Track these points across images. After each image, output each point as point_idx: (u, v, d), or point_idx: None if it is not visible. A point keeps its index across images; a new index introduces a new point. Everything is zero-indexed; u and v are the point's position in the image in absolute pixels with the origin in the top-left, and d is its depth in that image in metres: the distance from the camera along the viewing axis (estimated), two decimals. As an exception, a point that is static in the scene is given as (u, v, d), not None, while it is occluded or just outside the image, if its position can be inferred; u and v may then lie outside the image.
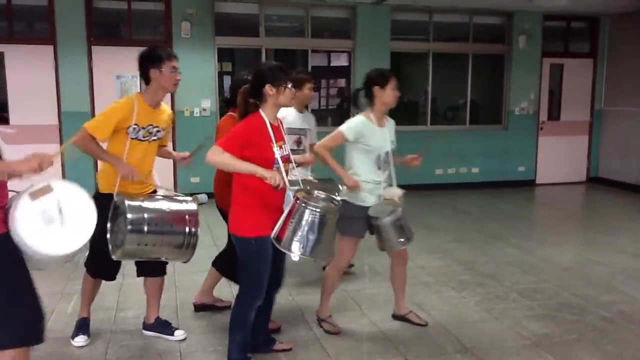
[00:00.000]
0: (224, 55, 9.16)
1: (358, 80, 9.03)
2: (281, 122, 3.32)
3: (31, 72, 7.74)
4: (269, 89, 3.08)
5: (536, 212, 8.93)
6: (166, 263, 3.76)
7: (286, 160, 3.18)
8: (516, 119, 10.06)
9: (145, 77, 3.49)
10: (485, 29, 10.12)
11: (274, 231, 3.06)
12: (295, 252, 3.01)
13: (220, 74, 9.04)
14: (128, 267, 3.73)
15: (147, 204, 3.30)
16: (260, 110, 3.13)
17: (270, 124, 3.12)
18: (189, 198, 3.52)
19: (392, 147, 3.87)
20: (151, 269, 3.72)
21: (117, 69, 8.09)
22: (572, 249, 6.14)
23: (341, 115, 9.58)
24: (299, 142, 4.68)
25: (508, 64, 9.97)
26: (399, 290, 4.13)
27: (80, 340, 3.66)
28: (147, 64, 3.47)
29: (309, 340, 3.79)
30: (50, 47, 7.83)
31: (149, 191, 3.61)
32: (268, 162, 3.05)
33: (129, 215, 3.13)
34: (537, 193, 9.88)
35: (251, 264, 3.14)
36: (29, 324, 2.47)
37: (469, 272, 5.28)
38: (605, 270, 5.35)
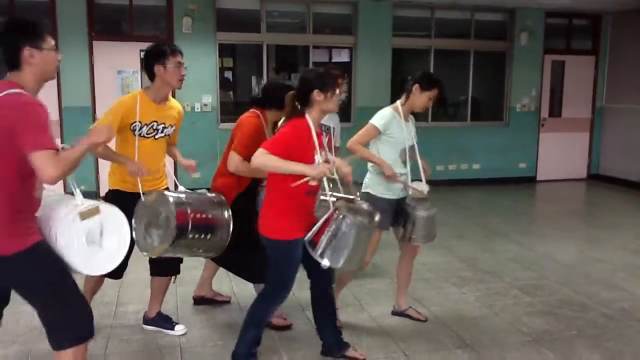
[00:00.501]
0: (225, 51, 9.15)
1: (359, 77, 9.03)
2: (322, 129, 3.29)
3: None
4: (316, 95, 3.06)
5: (537, 208, 8.93)
6: (181, 262, 3.75)
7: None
8: (517, 116, 10.05)
9: (149, 73, 3.46)
10: (487, 25, 10.10)
11: (308, 235, 3.06)
12: (326, 262, 3.02)
13: (222, 70, 9.03)
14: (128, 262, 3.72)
15: (189, 199, 3.32)
16: (307, 115, 3.10)
17: (315, 129, 3.10)
18: (214, 194, 3.56)
19: (414, 143, 3.88)
20: (166, 269, 3.70)
21: (118, 64, 8.09)
22: (573, 246, 6.14)
23: (344, 111, 9.57)
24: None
25: (510, 61, 9.96)
26: (404, 286, 4.14)
27: None
28: (152, 60, 3.43)
29: (310, 335, 3.79)
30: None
31: (163, 187, 3.59)
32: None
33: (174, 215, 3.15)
34: (538, 190, 9.87)
35: (280, 266, 3.15)
36: (84, 321, 2.50)
37: (469, 268, 5.28)
38: (606, 267, 5.34)
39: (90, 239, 2.45)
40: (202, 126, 8.23)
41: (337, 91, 3.11)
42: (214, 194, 3.56)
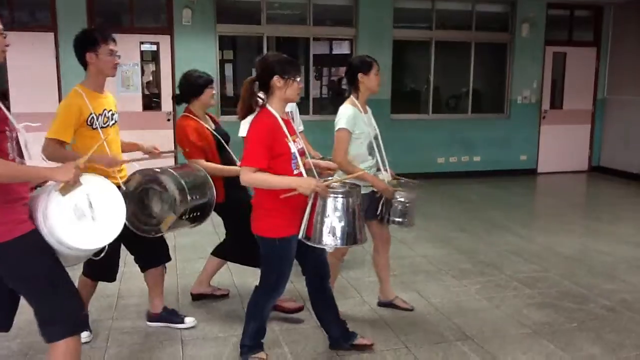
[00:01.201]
0: (225, 43, 9.12)
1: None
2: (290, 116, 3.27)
3: (32, 59, 7.71)
4: (276, 81, 2.98)
5: (538, 201, 8.92)
6: (168, 250, 3.74)
7: (302, 153, 3.11)
8: (518, 108, 10.02)
9: (82, 62, 3.34)
10: (488, 17, 10.06)
11: (301, 231, 3.01)
12: (328, 244, 2.98)
13: (222, 62, 9.01)
14: (129, 256, 3.72)
15: (175, 172, 3.34)
16: (268, 106, 3.03)
17: (281, 117, 3.02)
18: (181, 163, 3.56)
19: (377, 133, 3.85)
20: (155, 259, 3.68)
21: (118, 57, 8.05)
22: (574, 238, 6.14)
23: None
24: None
25: (511, 53, 9.92)
26: (386, 277, 4.13)
27: (82, 336, 3.57)
28: (82, 48, 3.29)
29: (310, 327, 3.80)
30: (51, 35, 7.80)
31: (125, 175, 3.46)
32: (285, 157, 2.98)
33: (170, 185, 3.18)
34: (539, 182, 9.86)
35: (274, 263, 3.14)
36: (77, 312, 2.49)
37: (470, 260, 5.28)
38: (607, 259, 5.34)
39: (79, 213, 2.40)
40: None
41: (298, 79, 3.03)
42: (181, 164, 3.57)
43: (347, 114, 3.67)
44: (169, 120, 8.29)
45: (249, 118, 4.08)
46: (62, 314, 2.43)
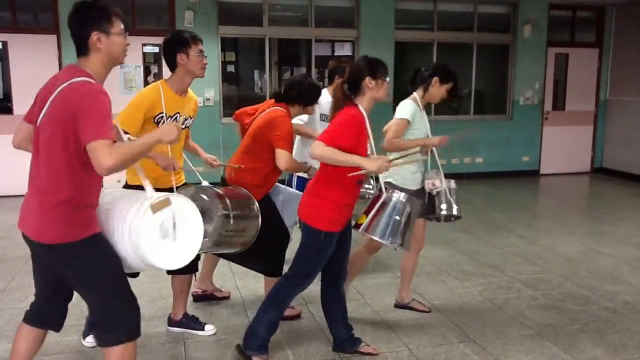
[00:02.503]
0: (227, 44, 9.13)
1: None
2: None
3: (34, 61, 7.73)
4: (368, 82, 3.07)
5: (540, 202, 8.91)
6: (198, 259, 3.69)
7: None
8: (521, 109, 10.02)
9: (171, 63, 3.34)
10: (490, 18, 10.06)
11: (364, 225, 3.11)
12: (392, 243, 3.10)
13: (224, 64, 9.02)
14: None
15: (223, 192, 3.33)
16: (358, 104, 3.11)
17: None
18: (241, 188, 3.54)
19: (429, 134, 4.00)
20: (186, 266, 3.64)
21: (120, 59, 8.06)
22: (576, 239, 6.13)
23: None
24: None
25: (513, 54, 9.92)
26: (408, 278, 4.16)
27: (90, 340, 3.54)
28: (174, 49, 3.30)
29: (313, 330, 3.80)
30: (54, 37, 7.81)
31: (182, 182, 3.51)
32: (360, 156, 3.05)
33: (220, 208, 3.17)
34: (542, 183, 9.85)
35: (312, 254, 3.17)
36: (136, 318, 2.50)
37: (472, 262, 5.28)
38: (610, 261, 5.34)
39: (163, 232, 2.39)
40: (205, 120, 8.22)
41: (387, 79, 3.13)
42: (241, 189, 3.53)
43: (407, 105, 3.82)
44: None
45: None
46: (121, 319, 2.44)
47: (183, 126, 3.41)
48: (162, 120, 3.26)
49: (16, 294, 4.40)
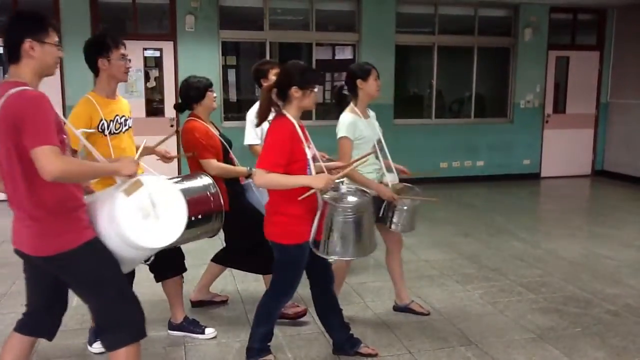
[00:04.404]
0: (228, 49, 9.15)
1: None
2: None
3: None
4: (294, 91, 3.02)
5: (541, 205, 8.91)
6: (184, 259, 3.70)
7: (315, 159, 3.16)
8: (522, 112, 10.02)
9: (93, 68, 3.32)
10: (490, 21, 10.07)
11: (311, 237, 3.06)
12: (334, 256, 3.05)
13: (225, 68, 9.04)
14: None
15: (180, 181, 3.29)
16: (285, 112, 3.06)
17: (298, 124, 3.07)
18: (199, 173, 3.48)
19: (380, 137, 3.90)
20: (171, 269, 3.63)
21: (121, 63, 8.07)
22: (577, 242, 6.12)
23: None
24: None
25: (514, 57, 9.93)
26: (400, 280, 4.14)
27: (97, 346, 3.49)
28: (94, 54, 3.27)
29: (313, 333, 3.79)
30: (55, 41, 7.83)
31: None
32: (301, 164, 3.03)
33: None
34: (543, 186, 9.85)
35: (287, 269, 3.16)
36: (139, 319, 2.50)
37: (473, 265, 5.27)
38: (611, 264, 5.33)
39: (144, 213, 2.40)
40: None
41: (316, 89, 3.07)
42: (194, 174, 3.48)
43: (346, 121, 3.72)
44: (172, 126, 8.30)
45: (249, 126, 4.12)
46: (126, 321, 2.44)
47: (126, 126, 3.42)
48: (106, 127, 3.25)
49: (17, 298, 4.39)
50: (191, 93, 3.84)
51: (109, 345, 2.45)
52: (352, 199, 3.09)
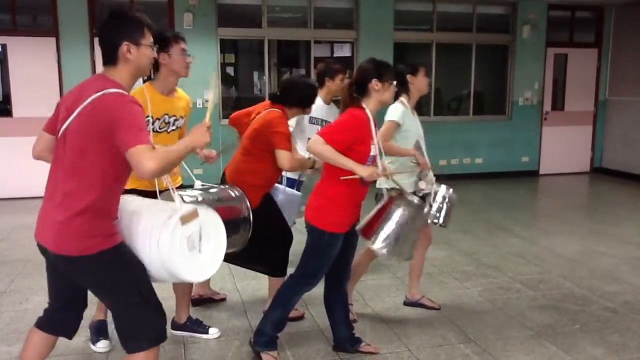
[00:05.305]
0: (226, 46, 9.14)
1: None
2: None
3: (34, 64, 7.74)
4: (374, 85, 3.10)
5: (540, 202, 8.92)
6: None
7: (374, 160, 3.18)
8: (520, 110, 10.02)
9: (153, 64, 3.27)
10: (489, 18, 10.07)
11: (360, 224, 3.15)
12: (382, 250, 3.10)
13: (223, 65, 9.03)
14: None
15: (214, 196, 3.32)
16: (364, 105, 3.13)
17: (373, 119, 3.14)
18: (232, 187, 3.48)
19: (422, 135, 4.02)
20: None
21: (119, 61, 8.07)
22: (576, 240, 6.13)
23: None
24: None
25: (512, 54, 9.93)
26: (417, 276, 4.20)
27: (102, 345, 3.51)
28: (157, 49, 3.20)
29: (312, 331, 3.80)
30: (53, 39, 7.83)
31: (178, 184, 3.46)
32: (362, 155, 3.07)
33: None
34: (541, 183, 9.86)
35: (317, 255, 3.19)
36: (161, 324, 2.49)
37: (472, 262, 5.28)
38: (610, 261, 5.33)
39: (190, 244, 2.37)
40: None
41: (394, 83, 3.16)
42: (232, 188, 3.48)
43: (396, 107, 3.84)
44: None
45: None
46: (147, 327, 2.42)
47: (174, 127, 3.39)
48: (150, 123, 3.20)
49: (15, 296, 4.39)
50: (303, 99, 3.77)
51: (129, 348, 2.43)
52: (413, 206, 3.19)
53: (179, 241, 2.32)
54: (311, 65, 9.27)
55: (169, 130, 3.36)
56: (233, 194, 3.41)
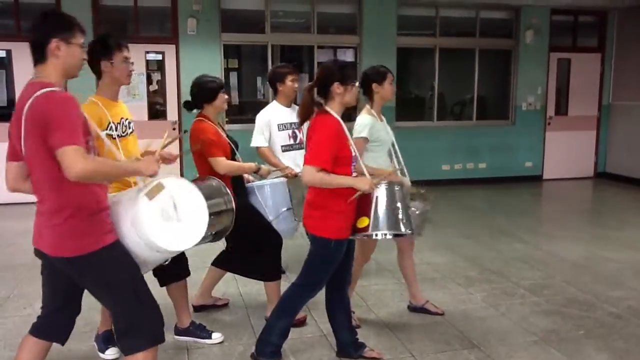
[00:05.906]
0: (230, 51, 9.16)
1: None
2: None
3: (38, 69, 7.75)
4: (336, 88, 3.08)
5: (543, 207, 8.90)
6: (187, 263, 3.65)
7: (355, 159, 3.19)
8: (523, 114, 10.02)
9: (95, 70, 3.24)
10: (492, 23, 10.09)
11: (370, 227, 3.13)
12: (405, 230, 3.17)
13: (227, 71, 9.05)
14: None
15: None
16: (329, 110, 3.11)
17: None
18: (208, 177, 3.53)
19: (393, 140, 3.97)
20: (173, 275, 3.57)
21: (123, 66, 8.09)
22: (579, 244, 6.12)
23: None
24: (294, 137, 4.65)
25: (515, 59, 9.93)
26: (413, 281, 4.17)
27: (111, 352, 3.49)
28: (97, 55, 3.17)
29: (316, 336, 3.79)
30: (57, 45, 7.84)
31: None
32: (346, 161, 3.08)
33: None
34: (545, 188, 9.84)
35: (322, 263, 3.20)
36: (158, 323, 2.50)
37: (475, 268, 5.27)
38: (614, 266, 5.32)
39: (166, 215, 2.40)
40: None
41: (356, 84, 3.14)
42: (208, 178, 3.52)
43: (365, 122, 3.78)
44: (174, 129, 8.31)
45: (258, 128, 4.16)
46: (144, 326, 2.44)
47: (131, 129, 3.36)
48: (114, 129, 3.18)
49: (19, 301, 4.40)
50: (203, 93, 3.83)
51: (127, 349, 2.45)
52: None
53: (150, 216, 2.35)
54: (314, 70, 9.29)
55: (129, 132, 3.35)
56: (211, 181, 3.46)
